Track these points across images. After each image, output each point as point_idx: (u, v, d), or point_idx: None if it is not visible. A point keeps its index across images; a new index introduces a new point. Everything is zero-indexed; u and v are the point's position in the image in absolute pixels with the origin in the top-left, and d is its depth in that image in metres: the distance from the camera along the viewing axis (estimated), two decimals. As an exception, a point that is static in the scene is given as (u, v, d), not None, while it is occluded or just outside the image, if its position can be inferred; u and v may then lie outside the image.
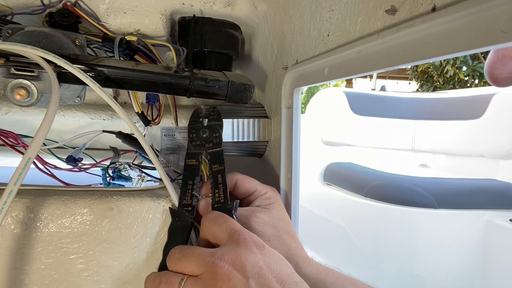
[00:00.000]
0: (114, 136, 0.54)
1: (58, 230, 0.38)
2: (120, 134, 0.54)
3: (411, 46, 0.25)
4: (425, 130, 1.96)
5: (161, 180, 0.39)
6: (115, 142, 0.56)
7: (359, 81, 7.64)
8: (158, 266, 0.34)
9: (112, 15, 0.45)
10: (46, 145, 0.57)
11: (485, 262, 1.33)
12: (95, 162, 0.61)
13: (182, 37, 0.50)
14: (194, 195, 0.37)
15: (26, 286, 0.37)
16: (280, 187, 0.47)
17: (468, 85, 5.71)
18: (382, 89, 3.06)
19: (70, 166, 0.58)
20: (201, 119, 0.41)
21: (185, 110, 0.55)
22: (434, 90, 6.14)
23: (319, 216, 1.74)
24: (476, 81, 5.66)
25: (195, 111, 0.42)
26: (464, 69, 5.70)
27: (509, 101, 1.64)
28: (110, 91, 0.53)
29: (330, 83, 2.91)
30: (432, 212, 1.33)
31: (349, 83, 7.10)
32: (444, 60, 5.63)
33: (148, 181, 0.60)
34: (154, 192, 0.43)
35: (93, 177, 0.63)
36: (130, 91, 0.45)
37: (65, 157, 0.57)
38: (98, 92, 0.33)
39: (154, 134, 0.65)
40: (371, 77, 5.84)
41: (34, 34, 0.36)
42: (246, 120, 0.49)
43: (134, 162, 0.61)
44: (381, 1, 0.28)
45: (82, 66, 0.35)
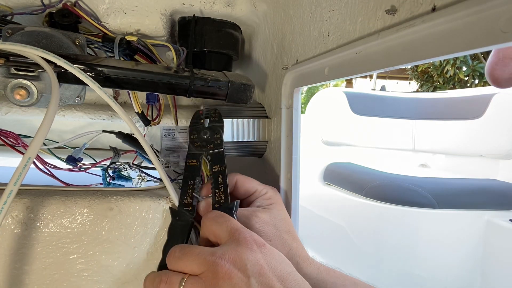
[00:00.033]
0: (114, 136, 0.54)
1: (58, 230, 0.38)
2: (120, 134, 0.54)
3: (411, 46, 0.25)
4: (425, 130, 1.96)
5: (161, 180, 0.39)
6: (115, 142, 0.56)
7: (359, 81, 7.64)
8: (158, 265, 0.34)
9: (112, 15, 0.45)
10: (46, 145, 0.57)
11: (485, 262, 1.33)
12: (95, 162, 0.61)
13: (182, 37, 0.50)
14: (195, 196, 0.37)
15: (26, 286, 0.37)
16: (280, 187, 0.47)
17: (468, 85, 5.71)
18: (382, 89, 3.06)
19: (70, 166, 0.58)
20: (202, 121, 0.41)
21: (185, 110, 0.55)
22: (434, 90, 6.14)
23: (319, 216, 1.73)
24: (476, 81, 5.66)
25: (196, 113, 0.42)
26: (464, 69, 5.70)
27: (509, 101, 1.64)
28: (110, 91, 0.53)
29: (330, 83, 2.91)
30: (432, 212, 1.33)
31: (349, 83, 7.09)
32: (444, 60, 5.63)
33: (148, 181, 0.60)
34: (154, 192, 0.43)
35: (93, 177, 0.63)
36: (130, 91, 0.45)
37: (65, 157, 0.57)
38: (98, 92, 0.33)
39: (154, 134, 0.65)
40: (371, 77, 5.84)
41: (34, 34, 0.36)
42: (246, 120, 0.49)
43: (134, 162, 0.61)
44: (381, 1, 0.28)
45: (82, 66, 0.35)
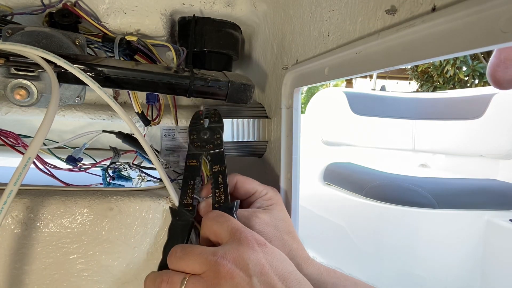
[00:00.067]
0: (114, 136, 0.54)
1: (58, 230, 0.38)
2: (120, 134, 0.54)
3: (411, 46, 0.25)
4: (425, 130, 1.96)
5: (161, 180, 0.39)
6: (115, 142, 0.56)
7: (359, 81, 7.64)
8: (158, 265, 0.34)
9: (112, 15, 0.45)
10: (46, 145, 0.57)
11: (485, 262, 1.33)
12: (95, 162, 0.61)
13: (182, 37, 0.50)
14: (194, 197, 0.37)
15: (26, 286, 0.37)
16: (280, 187, 0.47)
17: (468, 85, 5.71)
18: (382, 89, 3.06)
19: (70, 166, 0.58)
20: (202, 121, 0.41)
21: (185, 110, 0.55)
22: (434, 90, 6.14)
23: (319, 216, 1.73)
24: (476, 81, 5.66)
25: (196, 113, 0.42)
26: (464, 69, 5.69)
27: (509, 101, 1.64)
28: (110, 91, 0.53)
29: (330, 83, 2.91)
30: (432, 212, 1.33)
31: (349, 83, 7.09)
32: (444, 60, 5.63)
33: (148, 181, 0.60)
34: (154, 192, 0.43)
35: (93, 177, 0.63)
36: (130, 91, 0.45)
37: (65, 157, 0.57)
38: (98, 92, 0.33)
39: (154, 134, 0.65)
40: (371, 77, 5.84)
41: (34, 34, 0.36)
42: (246, 120, 0.49)
43: (134, 162, 0.61)
44: (381, 1, 0.28)
45: (82, 66, 0.35)
